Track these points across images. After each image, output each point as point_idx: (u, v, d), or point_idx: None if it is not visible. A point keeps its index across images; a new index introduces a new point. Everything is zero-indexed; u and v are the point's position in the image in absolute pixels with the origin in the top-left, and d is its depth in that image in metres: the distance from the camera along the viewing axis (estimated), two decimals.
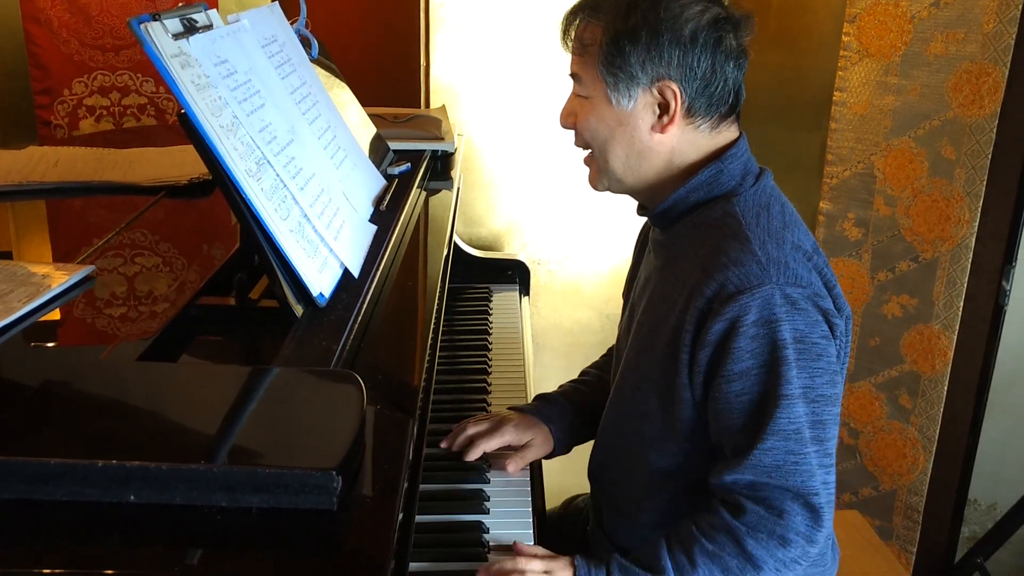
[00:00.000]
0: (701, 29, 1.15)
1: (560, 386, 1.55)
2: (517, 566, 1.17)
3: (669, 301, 1.19)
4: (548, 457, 1.46)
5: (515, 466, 1.39)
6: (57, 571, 0.69)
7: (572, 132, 1.27)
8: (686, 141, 1.20)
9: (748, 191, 1.19)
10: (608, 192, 1.30)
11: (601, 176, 1.26)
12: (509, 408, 1.50)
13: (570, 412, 1.47)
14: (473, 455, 1.39)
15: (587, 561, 1.18)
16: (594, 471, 1.43)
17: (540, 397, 1.52)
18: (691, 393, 1.17)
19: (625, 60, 1.15)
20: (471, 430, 1.42)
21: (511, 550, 1.23)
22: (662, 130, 1.19)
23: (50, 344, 1.05)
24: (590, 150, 1.26)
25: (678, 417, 1.19)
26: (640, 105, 1.18)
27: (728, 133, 1.23)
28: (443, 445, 1.42)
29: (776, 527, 1.11)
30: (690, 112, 1.18)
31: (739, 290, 1.10)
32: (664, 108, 1.18)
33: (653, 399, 1.22)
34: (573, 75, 1.23)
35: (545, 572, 1.17)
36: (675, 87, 1.16)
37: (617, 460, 1.34)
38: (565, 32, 1.23)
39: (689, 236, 1.21)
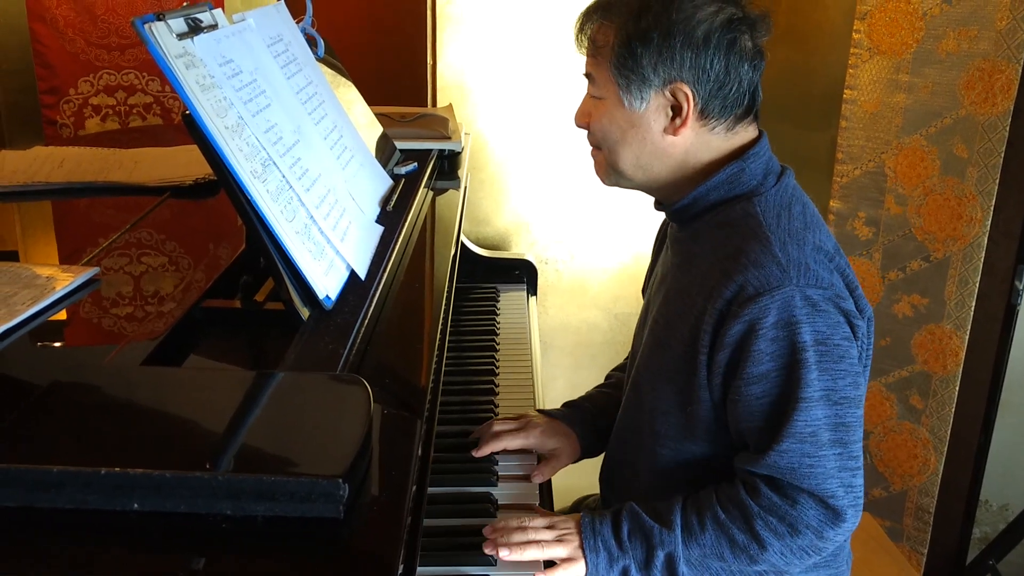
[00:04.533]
0: (714, 31, 1.13)
1: (587, 392, 1.55)
2: (523, 524, 1.19)
3: (687, 298, 1.19)
4: (575, 461, 1.45)
5: (542, 477, 1.39)
6: None
7: (585, 130, 1.27)
8: (700, 143, 1.19)
9: (770, 191, 1.18)
10: (616, 187, 1.29)
11: (609, 172, 1.26)
12: (537, 411, 1.49)
13: (596, 415, 1.47)
14: (493, 447, 1.39)
15: (592, 514, 1.20)
16: (606, 473, 1.42)
17: (567, 404, 1.51)
18: (709, 394, 1.17)
19: (637, 62, 1.14)
20: (497, 427, 1.42)
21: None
22: (675, 132, 1.17)
23: (56, 344, 1.04)
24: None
25: (696, 416, 1.19)
26: (652, 107, 1.17)
27: (745, 133, 1.21)
28: (475, 454, 1.41)
29: (787, 515, 1.11)
30: (704, 114, 1.16)
31: (758, 292, 1.09)
32: (677, 110, 1.16)
33: (670, 395, 1.22)
34: (587, 75, 1.22)
35: (548, 528, 1.19)
36: (687, 89, 1.14)
37: (631, 459, 1.33)
38: (579, 33, 1.23)
39: (708, 235, 1.20)
